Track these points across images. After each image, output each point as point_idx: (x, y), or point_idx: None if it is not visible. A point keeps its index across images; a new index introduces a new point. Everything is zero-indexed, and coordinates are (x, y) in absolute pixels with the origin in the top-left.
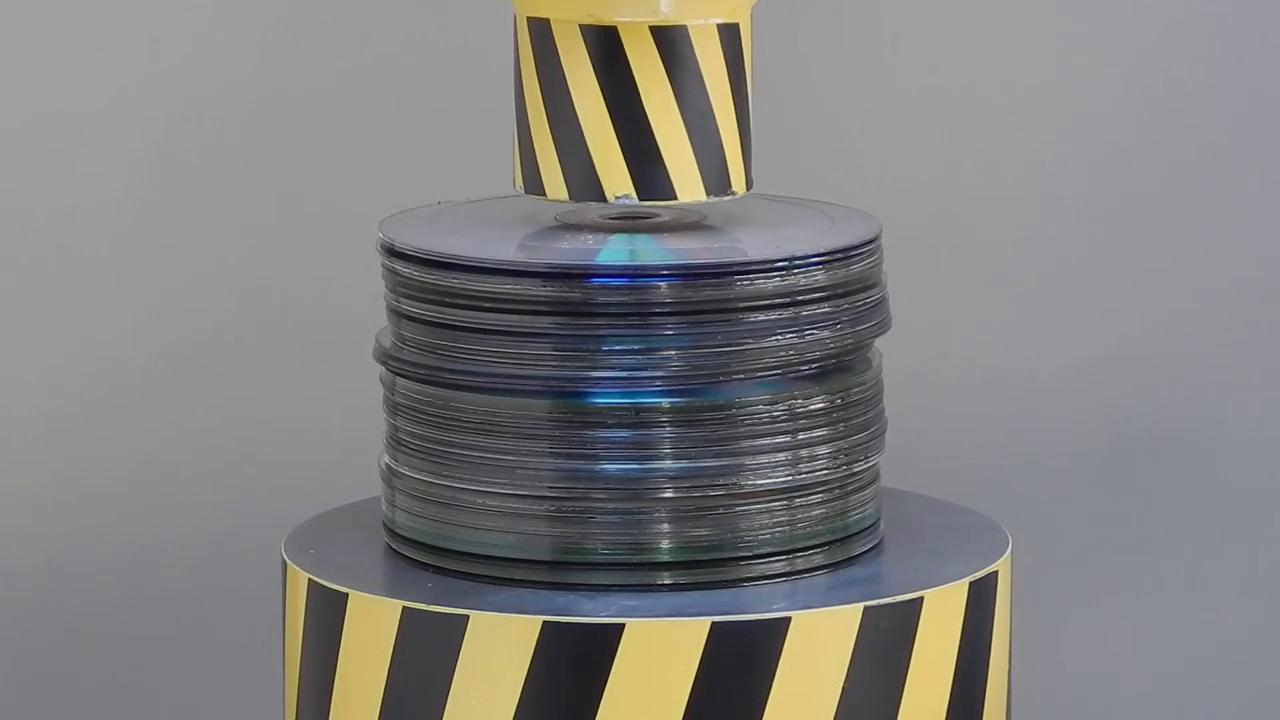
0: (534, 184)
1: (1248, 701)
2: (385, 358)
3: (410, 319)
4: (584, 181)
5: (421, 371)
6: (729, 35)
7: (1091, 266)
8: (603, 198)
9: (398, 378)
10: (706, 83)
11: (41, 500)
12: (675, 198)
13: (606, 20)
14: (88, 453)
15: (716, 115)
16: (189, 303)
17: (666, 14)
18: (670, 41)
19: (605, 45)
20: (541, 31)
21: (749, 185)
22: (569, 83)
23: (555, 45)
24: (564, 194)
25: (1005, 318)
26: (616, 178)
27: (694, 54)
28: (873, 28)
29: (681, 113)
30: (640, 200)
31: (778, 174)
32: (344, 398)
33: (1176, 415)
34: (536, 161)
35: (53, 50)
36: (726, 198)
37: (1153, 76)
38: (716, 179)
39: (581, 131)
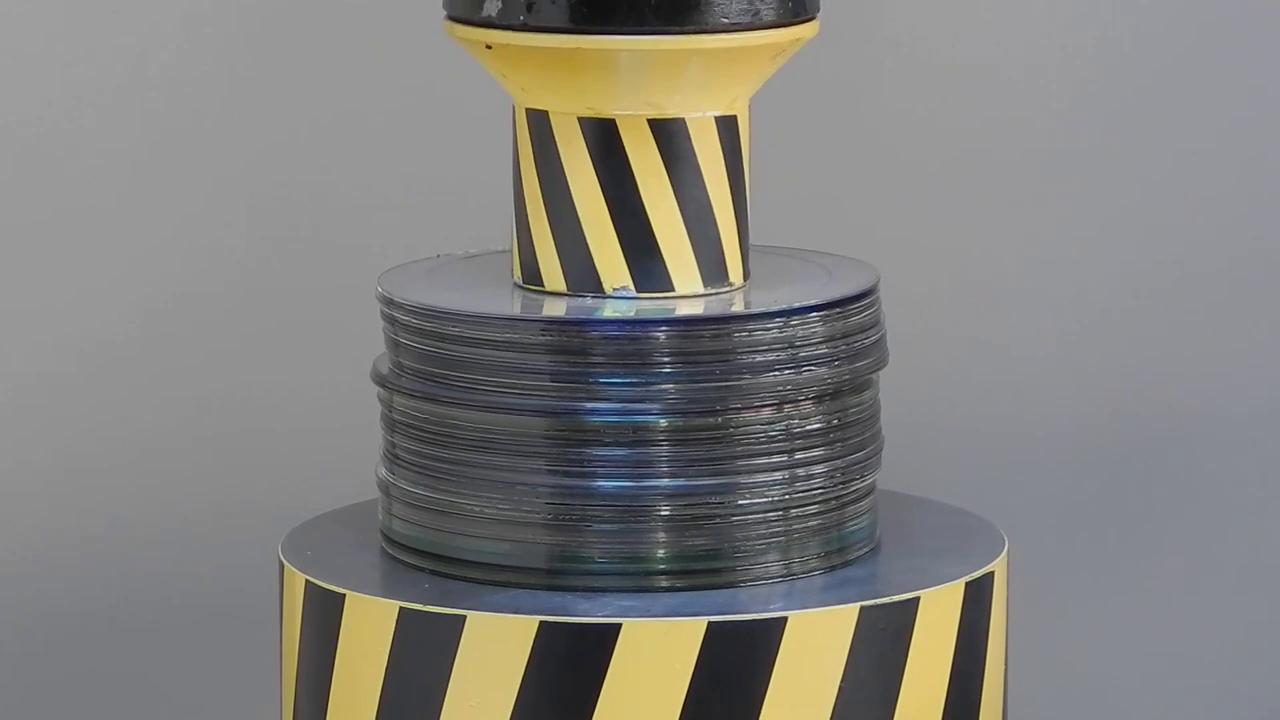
0: (532, 275)
1: (1248, 701)
2: (382, 382)
3: (408, 348)
4: (582, 274)
5: (418, 393)
6: (727, 127)
7: (1091, 266)
8: (600, 290)
9: (395, 395)
10: (704, 175)
11: (38, 500)
12: (673, 290)
13: (605, 113)
14: (86, 451)
15: (714, 207)
16: (188, 303)
17: (665, 107)
18: (668, 134)
19: (603, 138)
20: (540, 124)
21: (746, 276)
22: (567, 175)
23: (554, 137)
24: (562, 285)
25: (1005, 318)
26: (614, 270)
27: (692, 147)
28: (872, 27)
29: (679, 205)
30: (638, 293)
31: (778, 172)
32: (343, 398)
33: (1176, 415)
34: (534, 253)
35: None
36: (724, 290)
37: (1149, 71)
38: (714, 271)
39: (580, 224)
